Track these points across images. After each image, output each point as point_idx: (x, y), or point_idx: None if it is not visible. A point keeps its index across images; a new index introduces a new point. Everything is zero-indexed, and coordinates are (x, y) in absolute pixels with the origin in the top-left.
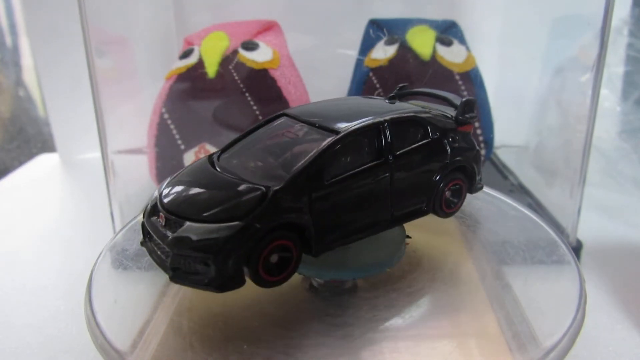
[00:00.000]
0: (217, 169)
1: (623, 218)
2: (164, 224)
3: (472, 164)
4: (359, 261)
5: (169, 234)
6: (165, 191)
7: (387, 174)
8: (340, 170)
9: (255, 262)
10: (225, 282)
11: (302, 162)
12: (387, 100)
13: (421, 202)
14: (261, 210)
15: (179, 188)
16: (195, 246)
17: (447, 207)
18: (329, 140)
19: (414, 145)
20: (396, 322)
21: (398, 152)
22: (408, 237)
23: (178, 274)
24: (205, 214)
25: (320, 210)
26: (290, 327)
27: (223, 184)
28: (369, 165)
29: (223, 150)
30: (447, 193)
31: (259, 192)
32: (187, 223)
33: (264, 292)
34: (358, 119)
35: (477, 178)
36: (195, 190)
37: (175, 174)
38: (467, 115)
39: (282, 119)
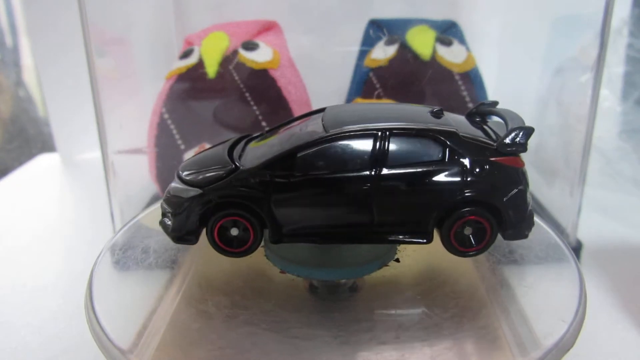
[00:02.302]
0: (233, 148)
1: (623, 218)
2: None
3: (505, 204)
4: (347, 262)
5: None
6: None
7: (368, 186)
8: (316, 169)
9: (211, 228)
10: (180, 236)
11: (281, 152)
12: (429, 112)
13: (418, 228)
14: (220, 184)
15: (200, 154)
16: (168, 200)
17: (460, 245)
18: (314, 138)
19: (417, 163)
20: (396, 322)
21: (391, 165)
22: (396, 260)
23: (162, 220)
24: (184, 177)
25: (281, 201)
26: (290, 327)
27: (216, 159)
28: (349, 171)
29: (260, 134)
30: (466, 229)
31: (227, 169)
32: (175, 181)
33: (264, 293)
34: (372, 124)
35: (512, 221)
36: (200, 159)
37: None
38: (513, 147)
39: (318, 114)
